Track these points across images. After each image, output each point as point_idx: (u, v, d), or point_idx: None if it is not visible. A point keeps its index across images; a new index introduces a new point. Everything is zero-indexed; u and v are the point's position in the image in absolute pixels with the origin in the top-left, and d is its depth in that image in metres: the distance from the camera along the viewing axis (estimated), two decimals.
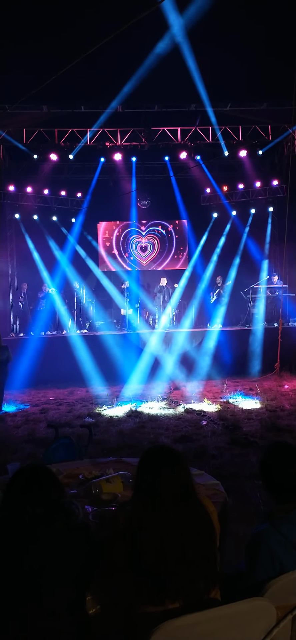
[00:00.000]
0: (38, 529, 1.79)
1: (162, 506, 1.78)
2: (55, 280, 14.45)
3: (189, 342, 12.18)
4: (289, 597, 1.79)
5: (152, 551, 1.73)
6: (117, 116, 12.65)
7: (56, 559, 1.77)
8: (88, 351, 11.46)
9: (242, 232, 15.33)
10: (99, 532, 2.19)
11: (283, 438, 6.25)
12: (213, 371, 11.13)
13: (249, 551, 1.93)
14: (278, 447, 2.19)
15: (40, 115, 12.18)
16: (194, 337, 12.32)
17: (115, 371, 11.01)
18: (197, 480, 2.85)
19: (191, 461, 5.25)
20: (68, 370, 10.91)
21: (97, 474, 2.99)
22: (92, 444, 4.88)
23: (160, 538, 1.74)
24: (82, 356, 11.32)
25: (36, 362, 11.06)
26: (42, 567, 1.74)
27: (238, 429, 6.90)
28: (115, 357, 11.42)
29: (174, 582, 1.71)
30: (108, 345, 11.78)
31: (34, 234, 14.85)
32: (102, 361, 11.17)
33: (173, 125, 13.32)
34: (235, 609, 1.63)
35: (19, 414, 8.35)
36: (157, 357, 11.81)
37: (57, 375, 10.79)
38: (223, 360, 11.37)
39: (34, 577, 1.72)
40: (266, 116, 12.65)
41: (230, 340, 11.82)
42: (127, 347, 11.92)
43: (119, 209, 15.42)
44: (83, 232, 15.64)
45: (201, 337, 12.23)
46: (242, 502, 4.33)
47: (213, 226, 15.66)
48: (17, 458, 5.63)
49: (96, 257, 16.08)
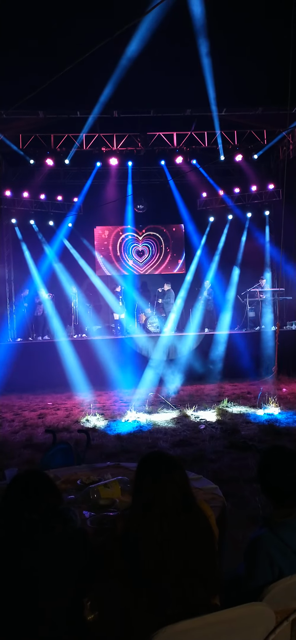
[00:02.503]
0: (35, 535, 1.78)
1: (161, 515, 1.77)
2: (51, 285, 14.45)
3: (186, 346, 12.17)
4: (288, 602, 1.78)
5: (152, 560, 1.72)
6: (113, 121, 12.70)
7: (53, 566, 1.76)
8: (86, 356, 11.45)
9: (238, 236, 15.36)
10: (97, 538, 2.18)
11: (282, 442, 6.26)
12: (211, 375, 11.14)
13: (248, 556, 1.93)
14: (277, 451, 2.18)
15: (36, 121, 12.21)
16: (191, 341, 12.31)
17: (113, 376, 10.99)
18: (195, 484, 2.85)
19: (189, 465, 5.24)
20: (65, 375, 10.89)
21: (95, 479, 2.98)
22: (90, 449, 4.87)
23: (160, 547, 1.73)
24: (79, 361, 11.30)
25: (33, 368, 11.07)
26: (40, 573, 1.73)
27: (237, 432, 6.89)
28: (112, 363, 11.40)
29: (175, 591, 1.70)
30: (105, 351, 11.77)
31: (31, 239, 14.86)
32: (99, 366, 11.16)
33: (169, 130, 13.37)
34: (234, 613, 1.62)
35: (16, 419, 8.32)
36: (154, 361, 11.82)
37: (54, 380, 10.77)
38: (220, 364, 11.37)
39: (31, 583, 1.72)
40: (262, 121, 12.71)
41: (227, 343, 11.82)
42: (123, 352, 11.91)
43: (115, 213, 15.44)
44: (80, 236, 15.66)
45: (198, 341, 12.23)
46: (241, 507, 4.33)
47: (209, 230, 15.71)
48: (15, 463, 5.61)
49: (92, 262, 16.09)
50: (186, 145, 13.45)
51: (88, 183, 14.52)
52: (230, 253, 15.20)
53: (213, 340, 12.05)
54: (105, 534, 2.18)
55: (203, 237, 15.70)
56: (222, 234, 15.52)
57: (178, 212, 15.87)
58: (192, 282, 15.41)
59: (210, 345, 11.93)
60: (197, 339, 12.36)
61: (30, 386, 10.58)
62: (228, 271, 14.97)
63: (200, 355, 11.83)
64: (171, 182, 14.44)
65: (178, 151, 13.45)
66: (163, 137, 13.40)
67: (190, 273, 15.59)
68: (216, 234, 15.62)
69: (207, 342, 12.09)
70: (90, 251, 16.05)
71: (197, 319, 14.10)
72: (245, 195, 15.19)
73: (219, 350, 11.67)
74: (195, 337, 12.50)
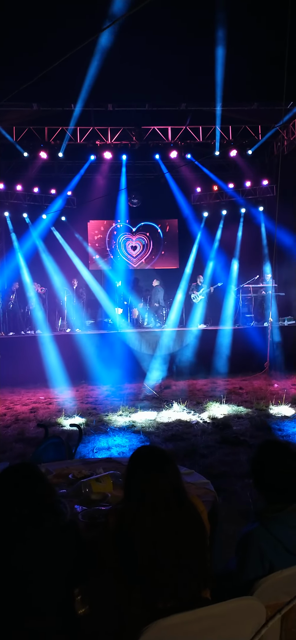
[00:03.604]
0: (26, 529, 1.77)
1: (153, 510, 1.77)
2: (43, 279, 14.37)
3: (178, 342, 12.19)
4: (278, 596, 1.79)
5: (144, 555, 1.72)
6: (108, 115, 12.64)
7: (44, 559, 1.75)
8: (79, 351, 11.42)
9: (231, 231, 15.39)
10: (89, 532, 2.18)
11: (273, 437, 6.29)
12: (202, 370, 11.16)
13: (239, 550, 1.93)
14: (270, 445, 2.19)
15: (30, 113, 12.12)
16: (184, 336, 12.33)
17: (105, 370, 10.97)
18: (187, 479, 2.86)
19: (181, 460, 5.27)
20: (58, 369, 10.86)
21: (87, 473, 2.98)
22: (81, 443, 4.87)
23: (153, 542, 1.73)
24: (72, 355, 11.27)
25: (25, 362, 11.03)
26: (31, 567, 1.72)
27: (229, 427, 6.92)
28: (105, 357, 11.39)
29: (168, 585, 1.70)
30: (97, 345, 11.76)
31: (23, 232, 14.78)
32: (93, 361, 11.14)
33: (164, 124, 13.33)
34: (225, 607, 1.63)
35: (8, 413, 8.29)
36: (147, 356, 11.83)
37: (46, 374, 10.74)
38: (213, 359, 11.39)
39: (22, 577, 1.71)
40: (257, 116, 12.71)
41: (220, 339, 11.84)
42: (116, 346, 11.89)
43: (109, 208, 15.39)
44: (73, 230, 15.59)
45: (190, 337, 12.25)
46: (232, 501, 4.35)
47: (204, 225, 15.72)
48: (6, 457, 5.59)
49: (85, 256, 16.04)
50: (181, 140, 13.42)
51: (79, 175, 14.39)
52: (225, 248, 15.22)
53: (206, 336, 12.07)
54: (97, 528, 2.18)
55: (198, 232, 15.67)
56: (216, 229, 15.53)
57: (173, 207, 15.87)
58: (189, 276, 15.38)
59: (202, 340, 11.95)
60: (190, 334, 12.37)
61: (22, 380, 10.55)
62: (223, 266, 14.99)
63: (192, 350, 11.85)
64: (167, 175, 14.37)
65: (172, 145, 13.42)
66: (158, 132, 13.36)
67: (189, 266, 15.45)
68: (210, 229, 15.63)
69: (200, 337, 12.11)
70: (83, 245, 15.99)
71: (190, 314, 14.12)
72: (239, 191, 15.20)
73: (210, 346, 11.69)
74: (188, 332, 12.51)
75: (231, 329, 12.44)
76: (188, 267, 15.41)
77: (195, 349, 11.83)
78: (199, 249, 15.65)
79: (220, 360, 11.35)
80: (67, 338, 12.18)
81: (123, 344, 11.99)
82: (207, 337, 12.01)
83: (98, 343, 11.88)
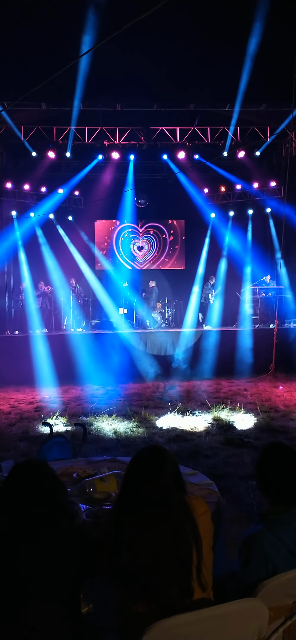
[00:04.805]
0: (42, 530, 1.72)
1: (139, 510, 1.77)
2: (49, 278, 14.41)
3: (184, 342, 12.18)
4: (282, 598, 1.79)
5: (127, 554, 1.72)
6: (116, 115, 12.66)
7: (57, 561, 1.72)
8: (84, 350, 11.44)
9: (239, 233, 15.35)
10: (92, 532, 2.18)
11: (278, 439, 6.27)
12: (206, 371, 11.15)
13: (242, 552, 1.93)
14: (274, 447, 2.18)
15: (39, 113, 12.17)
16: (189, 336, 12.32)
17: (110, 370, 10.99)
18: (191, 479, 2.86)
19: (185, 460, 5.26)
20: (63, 368, 10.89)
21: (91, 472, 2.98)
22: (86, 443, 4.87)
23: (134, 543, 1.72)
24: (78, 354, 11.30)
25: (31, 360, 11.06)
26: (42, 568, 1.69)
27: (233, 429, 6.91)
28: (110, 356, 11.41)
29: (145, 587, 1.70)
30: (104, 345, 11.78)
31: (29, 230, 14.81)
32: (97, 360, 11.15)
33: (172, 125, 13.33)
34: (228, 609, 1.63)
35: (13, 412, 8.33)
36: (152, 356, 11.84)
37: (51, 373, 10.76)
38: (218, 361, 11.37)
39: (33, 578, 1.68)
40: (265, 117, 12.68)
41: (225, 340, 11.82)
42: (122, 346, 11.90)
43: (116, 208, 15.41)
44: (80, 230, 15.62)
45: (196, 337, 12.23)
46: (236, 503, 4.34)
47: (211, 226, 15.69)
48: (10, 456, 5.61)
49: (92, 256, 16.07)
50: (189, 141, 13.41)
51: (84, 173, 14.30)
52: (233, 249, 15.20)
53: (211, 337, 12.06)
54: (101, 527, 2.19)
55: (205, 233, 15.63)
56: (223, 230, 15.49)
57: (180, 208, 15.86)
58: (202, 277, 15.35)
59: (208, 341, 11.93)
60: (195, 335, 12.36)
61: (27, 379, 10.57)
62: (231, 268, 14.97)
63: (198, 351, 11.83)
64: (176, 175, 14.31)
65: (180, 146, 13.41)
66: (166, 132, 13.35)
67: (202, 267, 15.40)
68: (218, 230, 15.59)
69: (205, 338, 12.09)
70: (89, 245, 16.01)
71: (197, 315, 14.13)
72: (247, 193, 15.17)
73: (215, 347, 11.68)
74: (193, 333, 12.49)
75: (237, 331, 12.42)
76: (201, 267, 15.37)
77: (200, 350, 11.81)
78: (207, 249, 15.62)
79: (225, 361, 11.33)
80: (73, 337, 12.19)
81: (129, 345, 11.99)
82: (212, 339, 11.99)
83: (105, 342, 11.90)
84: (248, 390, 9.56)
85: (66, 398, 9.33)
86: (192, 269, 15.59)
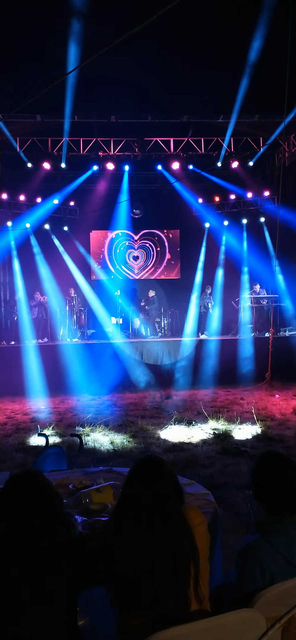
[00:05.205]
0: (38, 541, 1.72)
1: (137, 520, 1.77)
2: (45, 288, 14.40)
3: (180, 351, 12.19)
4: (279, 608, 1.78)
5: (123, 564, 1.72)
6: (110, 126, 12.74)
7: (54, 572, 1.71)
8: (79, 360, 11.42)
9: (234, 242, 15.44)
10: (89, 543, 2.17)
11: (274, 448, 6.27)
12: (203, 380, 11.15)
13: (239, 562, 1.92)
14: (270, 456, 2.18)
15: (34, 124, 12.23)
16: (185, 346, 12.33)
17: (106, 380, 10.97)
18: (187, 489, 2.85)
19: (181, 470, 5.25)
20: (58, 378, 10.86)
21: (87, 483, 2.98)
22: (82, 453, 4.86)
23: (132, 552, 1.72)
24: (73, 365, 11.28)
25: (26, 371, 11.03)
26: (39, 579, 1.68)
27: (229, 438, 6.90)
28: (106, 366, 11.39)
29: (142, 598, 1.69)
30: (100, 355, 11.76)
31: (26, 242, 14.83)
32: (93, 370, 11.13)
33: (166, 136, 13.44)
34: (225, 619, 1.63)
35: (9, 423, 8.29)
36: (147, 365, 11.84)
37: (47, 383, 10.73)
38: (214, 370, 11.38)
39: (30, 589, 1.67)
40: (259, 128, 12.79)
41: (221, 349, 11.84)
42: (118, 356, 11.89)
43: (111, 218, 15.47)
44: (75, 241, 15.65)
45: (192, 346, 12.24)
46: (233, 512, 4.33)
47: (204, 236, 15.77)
48: (6, 467, 5.58)
49: (88, 266, 16.09)
50: (183, 151, 13.52)
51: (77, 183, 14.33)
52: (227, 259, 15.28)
53: (207, 346, 12.08)
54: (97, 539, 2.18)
55: (200, 243, 15.70)
56: (218, 240, 15.58)
57: (174, 218, 15.95)
58: (199, 286, 15.38)
59: (204, 350, 11.95)
60: (191, 344, 12.37)
61: (23, 389, 10.54)
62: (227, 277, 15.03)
63: (193, 360, 11.84)
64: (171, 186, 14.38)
65: (174, 157, 13.51)
66: (160, 143, 13.46)
67: (199, 276, 15.48)
68: (213, 240, 15.67)
69: (202, 347, 12.10)
70: (85, 255, 16.03)
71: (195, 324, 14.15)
72: (241, 202, 15.27)
73: (212, 356, 11.69)
74: (189, 342, 12.50)
75: (232, 339, 12.45)
76: (198, 276, 15.43)
77: (196, 359, 11.82)
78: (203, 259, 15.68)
79: (221, 370, 11.34)
80: (68, 348, 12.16)
81: (125, 355, 11.99)
82: (208, 348, 12.00)
83: (100, 352, 11.89)
84: (244, 399, 9.56)
85: (62, 408, 9.30)
86: (187, 279, 15.65)
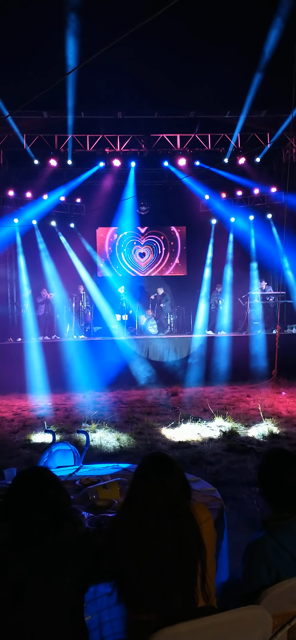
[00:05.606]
0: (46, 537, 1.72)
1: (143, 517, 1.77)
2: (52, 285, 14.43)
3: (186, 348, 12.18)
4: (285, 605, 1.78)
5: (130, 560, 1.72)
6: (117, 123, 12.73)
7: (61, 568, 1.72)
8: (86, 357, 11.45)
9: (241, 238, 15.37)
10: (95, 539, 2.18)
11: (281, 445, 6.25)
12: (210, 377, 11.13)
13: (245, 559, 1.92)
14: (276, 453, 2.17)
15: (41, 121, 12.26)
16: (191, 343, 12.31)
17: (112, 377, 10.99)
18: (194, 486, 2.84)
19: (188, 467, 5.25)
20: (65, 375, 10.89)
21: (93, 480, 2.98)
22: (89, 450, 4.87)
23: (137, 551, 1.72)
24: (80, 362, 11.30)
25: (33, 368, 11.08)
26: (46, 575, 1.68)
27: (235, 435, 6.89)
28: (112, 363, 11.40)
29: (149, 594, 1.70)
30: (106, 351, 11.78)
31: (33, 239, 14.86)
32: (99, 367, 11.15)
33: (173, 132, 13.39)
34: (231, 616, 1.62)
35: (16, 419, 8.33)
36: (154, 362, 11.84)
37: (53, 380, 10.77)
38: (221, 367, 11.36)
39: (37, 585, 1.67)
40: (266, 124, 12.73)
41: (228, 346, 11.82)
42: (124, 353, 11.90)
43: (118, 215, 15.46)
44: (81, 237, 15.66)
45: (198, 344, 12.23)
46: (239, 509, 4.33)
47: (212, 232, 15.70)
48: (13, 463, 5.61)
49: (94, 263, 16.09)
50: (189, 148, 13.47)
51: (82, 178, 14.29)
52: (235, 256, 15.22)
53: (214, 343, 12.05)
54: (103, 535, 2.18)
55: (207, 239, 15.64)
56: (225, 236, 15.51)
57: (181, 214, 15.91)
58: (189, 283, 15.35)
59: (211, 347, 11.93)
60: (197, 341, 12.35)
61: (30, 386, 10.59)
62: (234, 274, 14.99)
63: (200, 357, 11.82)
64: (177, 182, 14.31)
65: (181, 153, 13.47)
66: (167, 139, 13.42)
67: (208, 273, 15.39)
68: (219, 237, 15.61)
69: (208, 344, 12.08)
70: (91, 252, 16.04)
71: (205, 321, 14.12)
72: (248, 198, 15.20)
73: (218, 353, 11.67)
74: (195, 339, 12.48)
75: (239, 336, 12.41)
76: (207, 273, 15.38)
77: (203, 357, 11.80)
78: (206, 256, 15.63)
79: (227, 367, 11.32)
80: (75, 344, 12.19)
81: (131, 351, 12.00)
82: (215, 344, 11.99)
83: (107, 349, 11.90)
84: (250, 396, 9.54)
85: (68, 405, 9.33)
86: (194, 276, 15.62)
